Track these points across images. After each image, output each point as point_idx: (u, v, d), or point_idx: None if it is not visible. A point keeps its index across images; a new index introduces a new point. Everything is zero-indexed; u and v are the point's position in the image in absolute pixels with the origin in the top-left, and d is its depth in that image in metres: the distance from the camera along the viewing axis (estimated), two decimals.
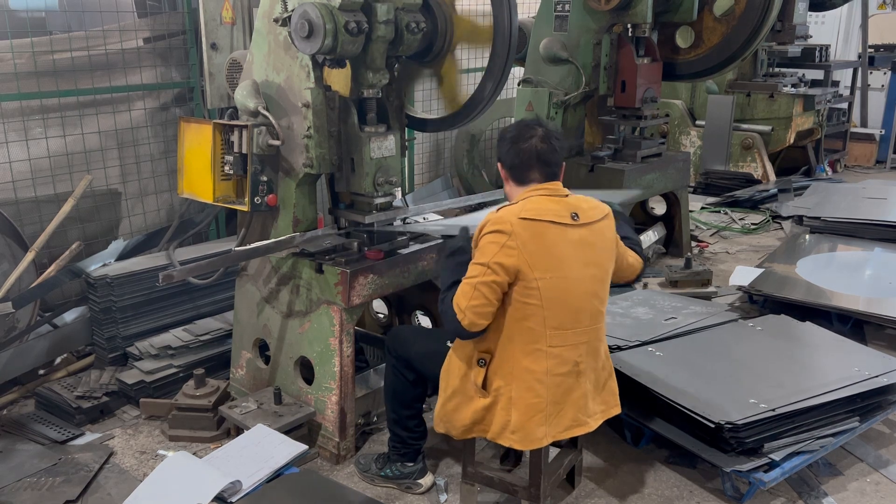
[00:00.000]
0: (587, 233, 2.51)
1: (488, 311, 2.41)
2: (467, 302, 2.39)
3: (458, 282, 2.48)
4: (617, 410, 2.71)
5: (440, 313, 2.54)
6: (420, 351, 2.86)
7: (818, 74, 8.29)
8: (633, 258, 2.78)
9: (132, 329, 3.95)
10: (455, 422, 2.60)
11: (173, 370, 3.72)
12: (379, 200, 3.26)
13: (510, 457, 3.02)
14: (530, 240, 2.40)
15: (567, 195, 2.57)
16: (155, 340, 3.87)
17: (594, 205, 2.59)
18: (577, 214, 2.50)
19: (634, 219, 5.62)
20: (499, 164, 2.64)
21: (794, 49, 7.54)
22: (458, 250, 2.62)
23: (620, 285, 2.95)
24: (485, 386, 2.53)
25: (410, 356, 2.88)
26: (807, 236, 5.43)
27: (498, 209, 2.50)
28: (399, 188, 3.64)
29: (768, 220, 6.65)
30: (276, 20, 3.00)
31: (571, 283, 2.46)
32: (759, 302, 4.51)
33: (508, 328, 2.46)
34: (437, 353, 2.75)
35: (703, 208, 6.99)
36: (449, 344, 2.70)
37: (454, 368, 2.60)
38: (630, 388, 3.16)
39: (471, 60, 3.61)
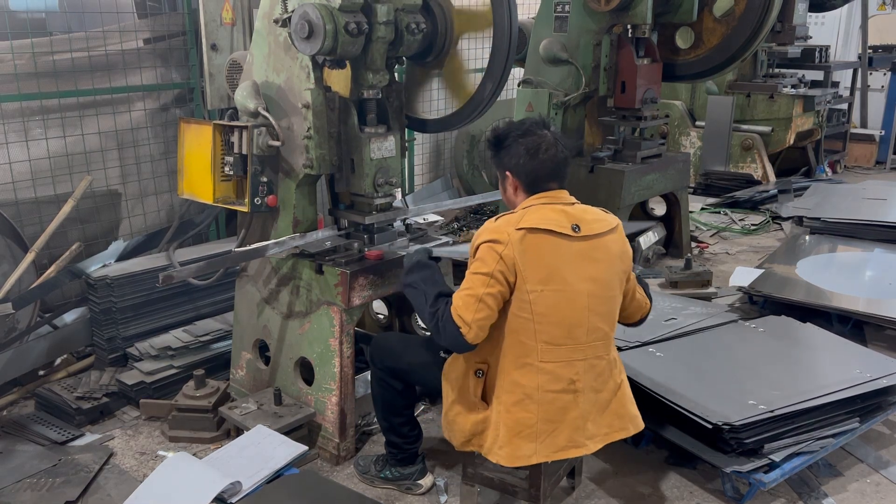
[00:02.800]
0: (588, 246, 2.40)
1: (491, 323, 2.34)
2: (473, 315, 2.28)
3: (443, 293, 2.43)
4: (622, 434, 2.54)
5: (431, 328, 2.41)
6: (414, 362, 2.78)
7: (818, 75, 8.30)
8: (641, 295, 2.65)
9: (132, 330, 3.95)
10: (455, 431, 2.54)
11: (173, 371, 3.72)
12: (379, 201, 3.26)
13: None
14: (526, 251, 2.31)
15: (573, 203, 2.48)
16: (155, 341, 3.87)
17: (599, 217, 2.48)
18: (578, 226, 2.39)
19: (634, 219, 5.62)
20: (507, 173, 2.48)
21: (793, 50, 7.54)
22: (417, 265, 2.59)
23: (628, 324, 2.72)
24: (484, 398, 2.49)
25: (402, 368, 2.82)
26: (807, 237, 5.42)
27: (496, 219, 2.43)
28: (399, 189, 3.64)
29: (768, 221, 6.65)
30: (276, 21, 3.00)
31: (566, 297, 2.35)
32: (759, 303, 4.51)
33: (502, 340, 2.39)
34: (432, 363, 2.70)
35: (703, 209, 6.99)
36: (443, 354, 2.65)
37: (453, 379, 2.55)
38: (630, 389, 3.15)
39: (472, 61, 3.62)
